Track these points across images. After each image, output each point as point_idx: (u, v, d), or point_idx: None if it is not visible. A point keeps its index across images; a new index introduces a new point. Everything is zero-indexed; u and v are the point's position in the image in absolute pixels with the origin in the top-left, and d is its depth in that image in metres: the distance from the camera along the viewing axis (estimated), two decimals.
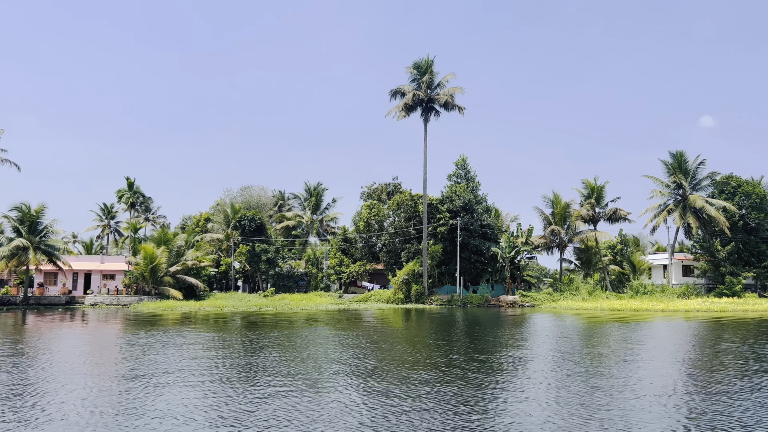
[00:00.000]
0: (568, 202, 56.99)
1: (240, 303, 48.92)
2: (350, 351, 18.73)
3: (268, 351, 18.56)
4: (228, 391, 11.95)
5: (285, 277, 63.93)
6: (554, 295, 53.37)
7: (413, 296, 52.43)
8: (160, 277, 52.20)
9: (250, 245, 63.85)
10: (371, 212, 58.97)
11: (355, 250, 61.84)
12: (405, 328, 28.98)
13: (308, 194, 67.50)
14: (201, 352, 18.21)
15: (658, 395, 11.72)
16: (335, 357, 17.38)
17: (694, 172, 56.84)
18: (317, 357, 17.34)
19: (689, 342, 22.94)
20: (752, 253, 58.76)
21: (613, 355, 17.92)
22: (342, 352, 18.42)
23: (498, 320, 34.35)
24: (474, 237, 54.76)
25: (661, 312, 43.07)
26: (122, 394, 11.73)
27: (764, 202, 58.39)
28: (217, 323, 30.63)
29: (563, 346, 20.58)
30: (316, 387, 12.57)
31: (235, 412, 10.12)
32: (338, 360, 16.66)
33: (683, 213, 55.85)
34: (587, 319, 35.89)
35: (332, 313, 40.45)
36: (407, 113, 52.04)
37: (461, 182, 57.53)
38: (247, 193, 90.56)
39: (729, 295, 54.17)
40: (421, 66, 52.30)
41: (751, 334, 25.93)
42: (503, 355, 18.21)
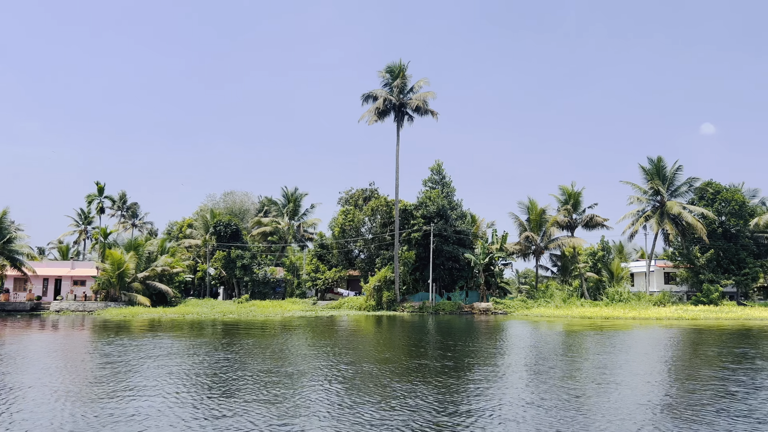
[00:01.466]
0: (544, 208, 56.33)
1: (208, 310, 48.15)
2: (256, 365, 18.03)
3: (164, 359, 17.88)
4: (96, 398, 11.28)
5: (261, 284, 63.21)
6: (528, 302, 52.61)
7: (384, 303, 51.69)
8: (128, 283, 51.49)
9: (226, 251, 63.24)
10: (346, 218, 58.34)
11: (331, 257, 61.15)
12: (357, 337, 28.23)
13: (286, 200, 66.87)
14: (114, 358, 17.54)
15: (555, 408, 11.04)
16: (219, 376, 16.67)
17: (672, 178, 56.19)
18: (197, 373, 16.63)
19: (624, 353, 22.20)
20: (732, 260, 58.00)
21: (527, 368, 17.23)
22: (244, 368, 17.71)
23: (463, 328, 33.60)
24: (448, 243, 54.07)
25: (632, 320, 42.28)
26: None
27: (743, 209, 57.73)
28: (165, 330, 29.91)
29: (497, 359, 19.88)
30: (185, 404, 11.87)
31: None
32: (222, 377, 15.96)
33: (660, 220, 55.18)
34: (551, 327, 35.16)
35: (295, 320, 39.69)
36: (379, 118, 51.48)
37: (436, 188, 56.90)
38: (230, 199, 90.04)
39: (706, 303, 53.39)
40: (394, 70, 51.80)
41: (701, 343, 25.22)
42: (439, 368, 17.50)
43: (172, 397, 12.15)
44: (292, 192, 66.82)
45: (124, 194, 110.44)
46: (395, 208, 52.64)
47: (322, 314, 47.38)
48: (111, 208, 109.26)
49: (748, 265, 57.12)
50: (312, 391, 12.78)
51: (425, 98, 51.30)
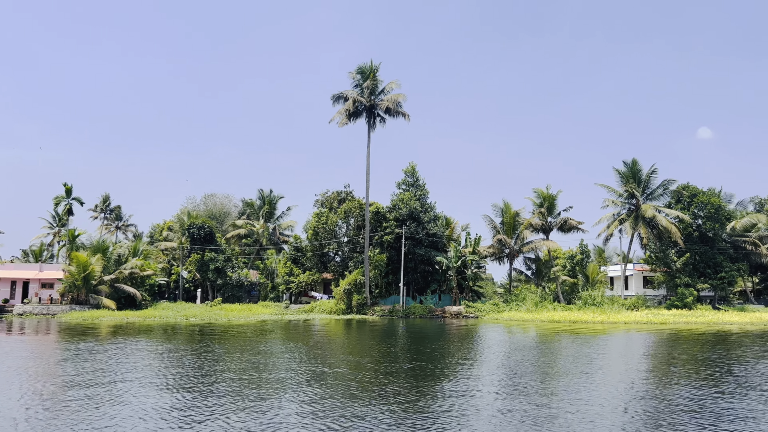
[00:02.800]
0: (518, 211, 55.77)
1: (173, 314, 47.42)
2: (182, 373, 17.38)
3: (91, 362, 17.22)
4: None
5: (235, 287, 62.49)
6: (500, 305, 52.06)
7: (354, 307, 51.04)
8: (94, 285, 50.75)
9: (201, 254, 62.53)
10: (319, 221, 57.71)
11: (306, 260, 60.48)
12: (307, 343, 27.55)
13: (262, 202, 66.19)
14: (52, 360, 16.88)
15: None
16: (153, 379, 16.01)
17: (647, 181, 55.72)
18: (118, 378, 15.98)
19: (553, 359, 21.63)
20: (708, 264, 57.52)
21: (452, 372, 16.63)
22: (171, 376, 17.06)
23: (426, 333, 32.98)
24: (420, 246, 53.49)
25: (600, 324, 41.74)
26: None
27: (719, 213, 57.27)
28: (109, 334, 29.22)
29: (436, 363, 19.29)
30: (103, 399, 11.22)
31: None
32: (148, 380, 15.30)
33: (635, 223, 54.70)
34: (514, 331, 34.59)
35: (257, 324, 38.98)
36: (350, 119, 50.87)
37: (410, 190, 56.34)
38: (211, 202, 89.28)
39: (680, 307, 52.93)
40: (365, 71, 51.25)
41: (646, 349, 24.68)
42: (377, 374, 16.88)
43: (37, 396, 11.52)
44: (268, 194, 66.14)
45: (108, 196, 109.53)
46: (366, 210, 52.04)
47: (290, 318, 46.70)
48: (94, 210, 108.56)
49: (724, 269, 56.66)
50: (200, 410, 12.13)
51: (397, 100, 50.75)
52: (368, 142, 51.31)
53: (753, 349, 23.94)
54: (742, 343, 26.70)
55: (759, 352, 22.29)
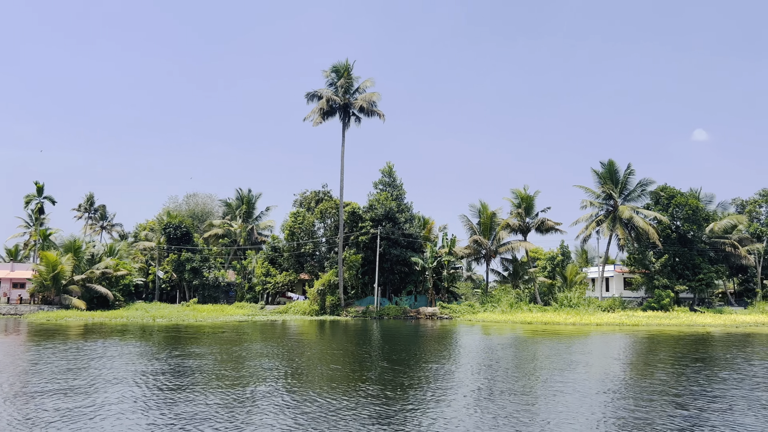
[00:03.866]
0: (494, 211, 55.35)
1: (141, 314, 46.76)
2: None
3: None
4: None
5: (212, 288, 61.87)
6: (475, 306, 51.65)
7: (328, 307, 50.50)
8: (63, 285, 50.07)
9: (178, 254, 61.90)
10: (296, 221, 57.16)
11: (283, 260, 59.90)
12: (263, 345, 27.01)
13: (240, 201, 65.58)
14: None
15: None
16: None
17: (624, 181, 55.40)
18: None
19: (494, 361, 21.20)
20: (687, 265, 57.21)
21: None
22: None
23: (398, 334, 32.56)
24: (396, 247, 53.00)
25: (572, 326, 41.34)
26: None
27: (697, 214, 56.97)
28: (63, 336, 28.63)
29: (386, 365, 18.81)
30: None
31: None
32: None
33: (612, 224, 54.39)
34: (480, 333, 34.16)
35: (224, 325, 38.40)
36: (324, 118, 50.32)
37: (387, 190, 55.88)
38: (193, 201, 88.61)
39: (657, 309, 52.63)
40: (340, 70, 50.75)
41: (601, 351, 24.26)
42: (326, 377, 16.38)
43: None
44: (246, 194, 65.54)
45: (92, 196, 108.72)
46: (340, 210, 51.54)
47: (261, 319, 46.11)
48: (77, 210, 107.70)
49: (702, 271, 56.36)
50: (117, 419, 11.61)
51: (371, 99, 50.22)
52: (342, 141, 50.86)
53: (702, 350, 23.57)
54: (698, 344, 26.34)
55: (699, 353, 21.91)
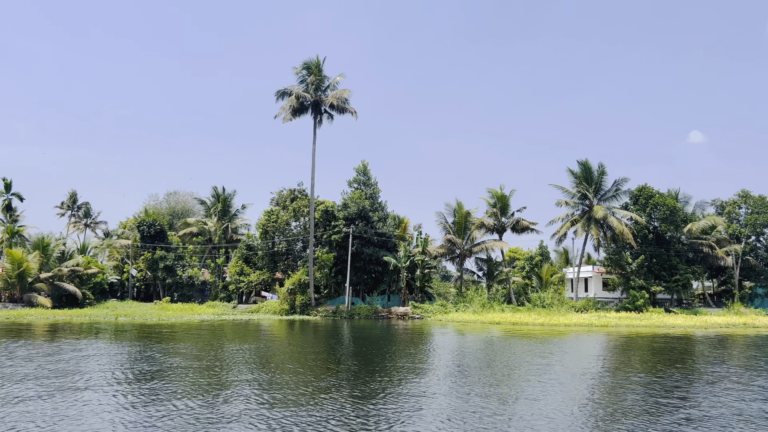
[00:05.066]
0: (469, 211, 54.77)
1: (110, 312, 46.12)
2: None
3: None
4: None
5: (186, 286, 61.20)
6: (447, 306, 51.13)
7: (298, 307, 49.89)
8: (30, 283, 49.33)
9: (152, 252, 61.22)
10: (269, 219, 56.52)
11: (257, 259, 59.26)
12: (223, 342, 26.39)
13: (216, 199, 64.89)
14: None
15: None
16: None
17: (599, 181, 54.95)
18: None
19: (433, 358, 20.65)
20: (663, 266, 56.81)
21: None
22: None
23: (361, 334, 31.97)
24: (369, 245, 52.41)
25: (540, 326, 40.84)
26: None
27: (674, 215, 56.56)
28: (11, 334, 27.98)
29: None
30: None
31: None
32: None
33: (587, 224, 53.92)
34: (441, 332, 33.62)
35: (186, 324, 37.73)
36: (294, 115, 49.69)
37: (361, 188, 55.31)
38: (173, 199, 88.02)
39: (631, 310, 52.21)
40: (311, 66, 50.15)
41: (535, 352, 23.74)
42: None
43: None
44: (222, 191, 64.85)
45: (75, 193, 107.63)
46: (311, 208, 50.94)
47: (228, 319, 45.43)
48: (60, 207, 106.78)
49: (679, 272, 55.98)
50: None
51: (341, 95, 49.60)
52: (314, 138, 50.21)
53: (647, 351, 23.08)
54: (649, 344, 25.86)
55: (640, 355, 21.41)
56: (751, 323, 45.28)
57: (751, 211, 63.26)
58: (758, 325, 44.52)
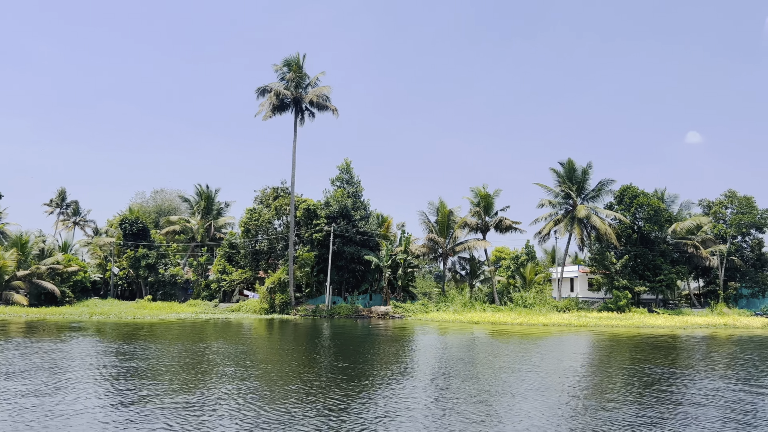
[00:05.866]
0: (452, 210, 54.41)
1: (87, 310, 45.66)
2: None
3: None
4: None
5: (168, 285, 60.80)
6: (428, 306, 50.80)
7: (278, 306, 49.50)
8: (6, 281, 48.87)
9: (135, 250, 60.77)
10: (251, 218, 56.11)
11: (240, 258, 58.84)
12: (184, 342, 25.99)
13: (199, 197, 64.44)
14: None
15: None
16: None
17: (583, 180, 54.65)
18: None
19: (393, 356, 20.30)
20: (647, 266, 56.56)
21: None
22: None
23: (337, 333, 31.55)
24: (350, 244, 52.06)
25: (518, 325, 40.56)
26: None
27: (658, 214, 56.30)
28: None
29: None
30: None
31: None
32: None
33: (570, 224, 53.63)
34: (418, 331, 33.27)
35: (161, 323, 37.30)
36: (274, 112, 49.27)
37: (343, 187, 54.95)
38: (160, 197, 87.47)
39: (614, 310, 51.95)
40: (291, 63, 49.75)
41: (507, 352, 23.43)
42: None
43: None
44: (205, 189, 64.41)
45: (64, 191, 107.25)
46: (291, 207, 50.54)
47: (206, 317, 45.02)
48: (48, 205, 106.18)
49: (663, 272, 55.74)
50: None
51: (321, 93, 49.19)
52: (294, 136, 49.79)
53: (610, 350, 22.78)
54: (610, 345, 25.57)
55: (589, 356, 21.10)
56: (731, 324, 45.08)
57: (736, 211, 63.10)
58: (738, 326, 44.33)
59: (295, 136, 49.68)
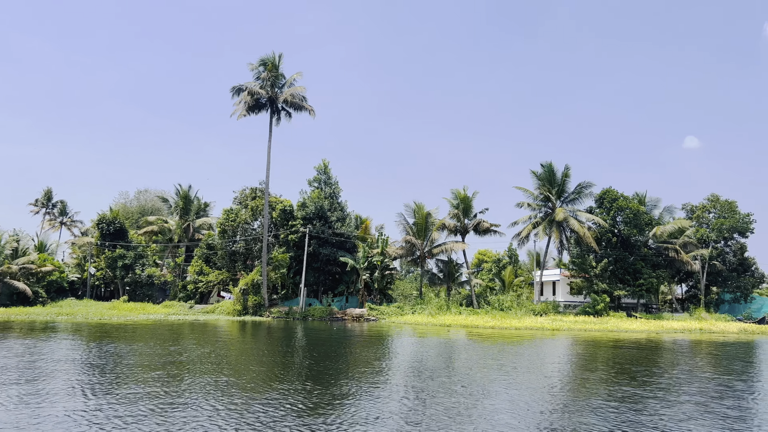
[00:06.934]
0: (430, 212, 53.93)
1: (52, 311, 45.11)
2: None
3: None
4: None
5: (145, 285, 60.21)
6: (404, 308, 50.32)
7: (251, 308, 48.95)
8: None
9: (113, 251, 60.21)
10: (228, 218, 55.60)
11: (217, 259, 58.30)
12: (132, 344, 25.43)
13: (178, 197, 63.92)
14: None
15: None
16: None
17: (562, 183, 54.28)
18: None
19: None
20: (627, 270, 56.15)
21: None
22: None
23: (306, 336, 31.00)
24: (326, 246, 51.56)
25: (490, 329, 40.07)
26: None
27: (638, 218, 55.92)
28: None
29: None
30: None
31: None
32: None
33: (548, 227, 53.23)
34: (388, 334, 32.78)
35: (121, 325, 36.73)
36: (249, 112, 48.81)
37: (321, 187, 54.49)
38: (144, 197, 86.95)
39: (592, 314, 51.49)
40: (267, 63, 49.32)
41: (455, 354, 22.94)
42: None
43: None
44: (186, 189, 63.89)
45: (50, 191, 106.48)
46: (265, 206, 50.05)
47: (176, 319, 44.38)
48: (34, 204, 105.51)
49: (643, 276, 55.34)
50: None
51: (297, 92, 48.73)
52: (269, 135, 49.33)
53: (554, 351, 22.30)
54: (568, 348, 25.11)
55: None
56: (707, 329, 44.70)
57: (718, 215, 62.78)
58: (714, 331, 43.95)
59: (270, 136, 49.26)
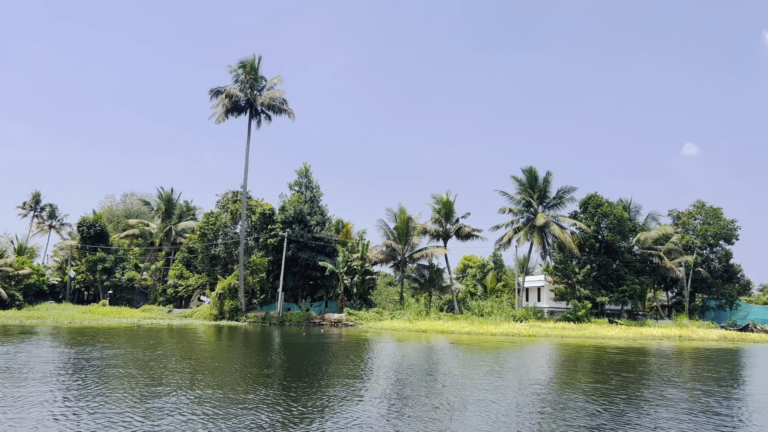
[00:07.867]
0: (411, 216, 53.54)
1: (23, 314, 44.53)
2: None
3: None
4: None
5: (125, 289, 59.77)
6: (383, 314, 49.81)
7: (227, 312, 48.42)
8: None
9: (94, 254, 59.73)
10: (207, 222, 55.16)
11: (198, 262, 57.82)
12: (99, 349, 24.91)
13: (160, 200, 63.48)
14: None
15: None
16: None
17: (544, 189, 53.91)
18: None
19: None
20: (610, 276, 55.72)
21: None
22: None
23: (278, 341, 30.52)
24: (305, 250, 51.10)
25: (466, 335, 39.61)
26: None
27: (622, 224, 55.52)
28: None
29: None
30: None
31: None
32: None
33: (530, 232, 52.81)
34: (361, 339, 32.29)
35: (86, 329, 36.22)
36: (228, 115, 48.46)
37: (301, 191, 54.09)
38: (130, 200, 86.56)
39: (573, 320, 51.03)
40: (246, 65, 49.01)
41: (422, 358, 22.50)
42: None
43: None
44: (168, 192, 63.47)
45: (38, 194, 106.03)
46: (243, 210, 49.62)
47: (149, 323, 43.86)
48: (21, 207, 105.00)
49: (626, 282, 54.90)
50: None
51: (276, 95, 48.40)
52: (248, 138, 48.90)
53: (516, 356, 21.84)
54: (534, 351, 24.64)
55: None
56: (687, 336, 44.25)
57: (703, 222, 62.43)
58: (694, 338, 43.51)
59: (249, 139, 48.84)
